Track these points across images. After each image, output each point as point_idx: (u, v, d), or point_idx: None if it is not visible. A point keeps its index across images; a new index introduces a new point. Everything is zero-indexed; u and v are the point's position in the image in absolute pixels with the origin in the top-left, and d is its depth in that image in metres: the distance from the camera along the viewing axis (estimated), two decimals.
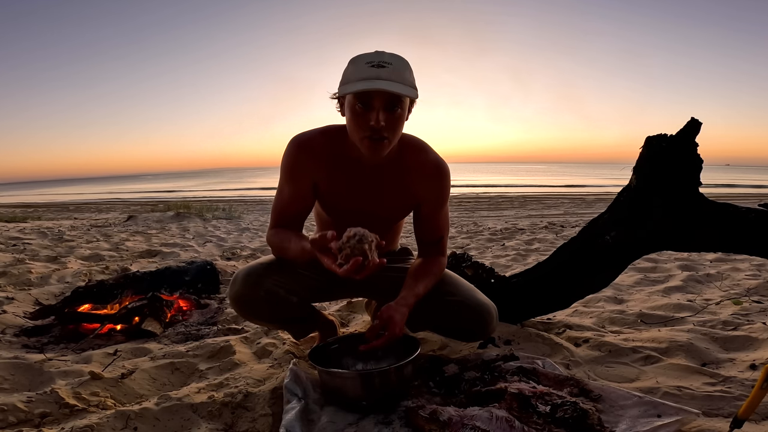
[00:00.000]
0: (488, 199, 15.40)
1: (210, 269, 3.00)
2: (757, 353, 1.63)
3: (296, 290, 1.47)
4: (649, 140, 1.63)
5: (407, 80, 1.27)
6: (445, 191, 1.51)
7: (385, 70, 1.24)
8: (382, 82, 1.22)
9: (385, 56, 1.27)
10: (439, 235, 1.54)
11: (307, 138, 1.43)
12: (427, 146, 1.48)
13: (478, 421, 1.09)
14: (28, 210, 14.89)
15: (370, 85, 1.21)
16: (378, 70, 1.23)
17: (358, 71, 1.25)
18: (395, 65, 1.26)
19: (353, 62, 1.29)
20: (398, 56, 1.29)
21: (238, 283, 1.43)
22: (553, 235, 5.65)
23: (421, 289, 1.42)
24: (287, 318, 1.55)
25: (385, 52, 1.29)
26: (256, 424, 1.27)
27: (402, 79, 1.25)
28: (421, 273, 1.47)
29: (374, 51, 1.29)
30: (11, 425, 1.27)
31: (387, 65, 1.25)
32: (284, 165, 1.44)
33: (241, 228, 7.15)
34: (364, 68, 1.25)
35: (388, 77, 1.23)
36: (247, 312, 1.47)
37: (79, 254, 4.32)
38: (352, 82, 1.26)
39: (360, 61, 1.27)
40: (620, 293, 2.71)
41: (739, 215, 1.55)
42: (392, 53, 1.29)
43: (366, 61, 1.26)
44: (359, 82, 1.23)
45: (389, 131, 1.28)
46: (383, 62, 1.25)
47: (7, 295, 2.63)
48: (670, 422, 1.13)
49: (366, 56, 1.27)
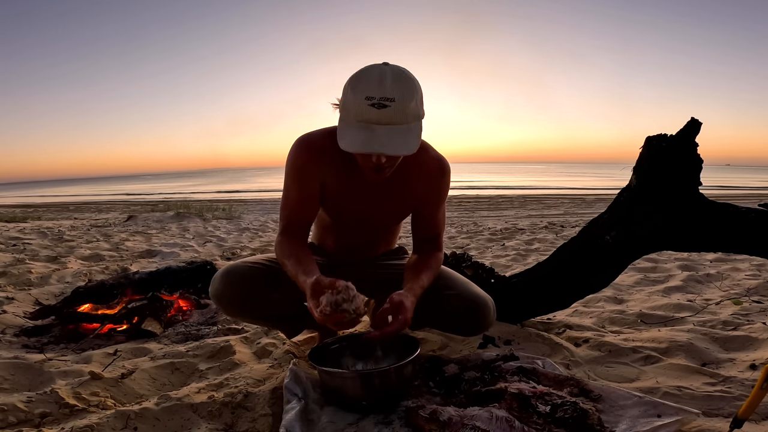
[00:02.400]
0: (488, 199, 15.40)
1: (210, 269, 3.00)
2: (757, 353, 1.63)
3: (277, 287, 1.44)
4: (649, 140, 1.63)
5: (411, 114, 1.20)
6: (446, 189, 1.51)
7: (387, 111, 1.16)
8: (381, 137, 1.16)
9: (387, 88, 1.17)
10: (437, 231, 1.54)
11: (313, 138, 1.41)
12: (428, 145, 1.48)
13: (478, 421, 1.09)
14: (28, 210, 14.89)
15: (366, 148, 1.17)
16: (379, 112, 1.16)
17: (357, 109, 1.18)
18: (398, 100, 1.17)
19: (353, 88, 1.20)
20: (403, 80, 1.20)
21: (217, 281, 1.42)
22: (553, 235, 5.65)
23: (425, 281, 1.40)
24: (272, 315, 1.53)
25: (387, 79, 1.18)
26: (256, 424, 1.27)
27: (404, 117, 1.18)
28: (421, 267, 1.45)
29: (378, 72, 1.19)
30: (11, 425, 1.27)
31: (389, 103, 1.16)
32: (290, 166, 1.41)
33: (241, 228, 7.15)
34: (363, 106, 1.17)
35: (389, 120, 1.17)
36: (228, 309, 1.47)
37: (79, 254, 4.33)
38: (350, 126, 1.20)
39: (360, 91, 1.18)
40: (620, 293, 2.71)
41: (739, 215, 1.55)
42: (398, 76, 1.19)
43: (366, 95, 1.17)
44: (357, 131, 1.18)
45: (391, 163, 1.27)
46: (385, 100, 1.16)
47: (7, 295, 2.63)
48: (670, 422, 1.13)
49: (367, 84, 1.18)
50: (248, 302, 1.44)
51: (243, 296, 1.43)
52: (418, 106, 1.23)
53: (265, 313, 1.51)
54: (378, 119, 1.17)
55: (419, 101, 1.24)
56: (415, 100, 1.21)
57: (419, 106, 1.24)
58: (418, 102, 1.23)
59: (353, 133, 1.19)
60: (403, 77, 1.20)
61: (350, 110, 1.21)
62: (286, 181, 1.43)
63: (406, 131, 1.20)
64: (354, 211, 1.49)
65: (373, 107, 1.16)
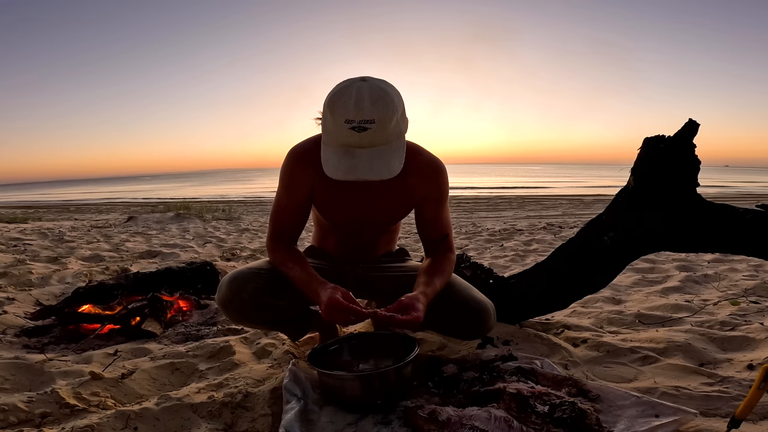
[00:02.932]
0: (487, 200, 15.41)
1: (210, 270, 3.01)
2: (754, 353, 1.63)
3: (284, 293, 1.46)
4: (647, 141, 1.64)
5: (393, 134, 1.20)
6: (444, 188, 1.51)
7: (367, 135, 1.15)
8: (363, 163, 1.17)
9: (366, 109, 1.14)
10: (444, 232, 1.53)
11: (303, 149, 1.43)
12: (421, 148, 1.48)
13: (477, 421, 1.09)
14: (29, 211, 14.89)
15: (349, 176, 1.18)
16: (359, 135, 1.15)
17: (337, 132, 1.18)
18: (379, 121, 1.15)
19: (332, 110, 1.19)
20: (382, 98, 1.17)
21: (224, 288, 1.42)
22: (551, 235, 5.66)
23: (438, 285, 1.40)
24: (278, 320, 1.55)
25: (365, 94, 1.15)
26: (255, 424, 1.28)
27: (386, 137, 1.18)
28: (435, 270, 1.44)
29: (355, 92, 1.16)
30: (12, 425, 1.28)
31: (369, 126, 1.15)
32: (282, 176, 1.46)
33: (241, 229, 7.16)
34: (343, 130, 1.16)
35: (370, 143, 1.16)
36: (235, 316, 1.47)
37: (80, 255, 4.33)
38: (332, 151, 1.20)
39: (338, 114, 1.16)
40: (618, 294, 2.72)
41: (736, 216, 1.56)
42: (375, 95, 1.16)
43: (345, 117, 1.15)
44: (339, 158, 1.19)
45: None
46: (364, 123, 1.14)
47: (7, 296, 2.63)
48: (668, 422, 1.13)
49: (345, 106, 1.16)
50: (257, 309, 1.44)
51: (251, 304, 1.42)
52: (399, 122, 1.22)
53: (271, 319, 1.52)
54: (359, 142, 1.17)
55: (400, 116, 1.22)
56: (396, 118, 1.20)
57: (400, 123, 1.23)
58: (399, 118, 1.22)
59: (336, 158, 1.20)
60: (381, 95, 1.17)
61: (330, 133, 1.21)
62: (279, 188, 1.48)
63: (389, 152, 1.20)
64: (350, 213, 1.50)
65: (354, 131, 1.16)
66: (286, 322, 1.58)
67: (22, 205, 19.58)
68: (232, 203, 15.36)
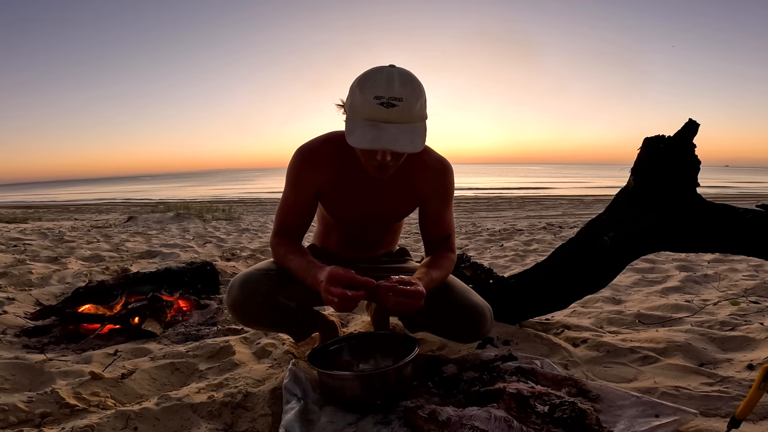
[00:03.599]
0: (487, 200, 15.42)
1: (210, 270, 3.01)
2: (754, 353, 1.63)
3: (294, 295, 1.46)
4: (647, 141, 1.64)
5: (416, 115, 1.23)
6: (450, 188, 1.52)
7: (395, 111, 1.19)
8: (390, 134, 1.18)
9: (395, 89, 1.19)
10: (447, 232, 1.54)
11: (310, 148, 1.44)
12: (429, 147, 1.49)
13: (477, 421, 1.09)
14: (29, 211, 14.89)
15: (374, 144, 1.19)
16: (387, 111, 1.19)
17: (366, 108, 1.20)
18: (406, 100, 1.20)
19: (361, 88, 1.22)
20: (410, 82, 1.22)
21: (235, 291, 1.41)
22: (551, 235, 5.66)
23: (435, 276, 1.41)
24: (287, 322, 1.55)
25: (396, 80, 1.20)
26: (255, 424, 1.28)
27: (411, 117, 1.21)
28: (433, 264, 1.46)
29: (386, 73, 1.21)
30: (12, 425, 1.28)
31: (397, 103, 1.19)
32: (289, 175, 1.46)
33: (241, 229, 7.16)
34: (372, 106, 1.19)
35: (397, 119, 1.19)
36: (246, 319, 1.46)
37: (80, 255, 4.33)
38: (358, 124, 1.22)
39: (368, 91, 1.20)
40: (618, 294, 2.72)
41: (736, 216, 1.56)
42: (404, 78, 1.22)
43: (375, 94, 1.19)
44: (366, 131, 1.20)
45: (395, 161, 1.29)
46: (393, 99, 1.18)
47: (7, 296, 2.63)
48: (668, 422, 1.13)
49: (375, 86, 1.20)
50: (270, 312, 1.44)
51: (265, 306, 1.42)
52: (423, 107, 1.26)
53: (281, 320, 1.51)
54: (386, 118, 1.20)
55: (423, 103, 1.27)
56: (420, 102, 1.25)
57: (424, 108, 1.27)
58: (423, 104, 1.26)
59: (362, 130, 1.21)
60: (410, 79, 1.23)
61: (358, 109, 1.23)
62: (286, 187, 1.48)
63: (412, 130, 1.22)
64: (356, 210, 1.51)
65: (382, 106, 1.19)
66: (293, 323, 1.59)
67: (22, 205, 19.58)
68: (232, 203, 15.36)
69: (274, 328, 1.61)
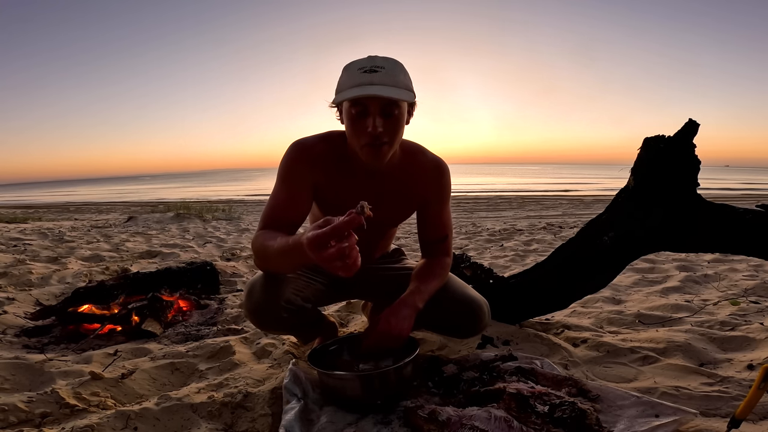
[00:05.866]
0: (487, 200, 15.41)
1: (210, 270, 3.01)
2: (754, 353, 1.63)
3: (309, 296, 1.47)
4: (647, 141, 1.64)
5: (401, 83, 1.26)
6: (447, 189, 1.51)
7: (378, 75, 1.23)
8: (375, 87, 1.21)
9: (377, 60, 1.27)
10: (443, 234, 1.53)
11: (308, 144, 1.40)
12: (425, 149, 1.49)
13: (477, 421, 1.09)
14: (29, 211, 14.89)
15: (362, 92, 1.21)
16: (371, 75, 1.23)
17: (351, 78, 1.25)
18: (388, 68, 1.25)
19: (346, 69, 1.29)
20: (391, 59, 1.29)
21: (257, 294, 1.37)
22: (551, 235, 5.66)
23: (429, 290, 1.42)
24: (301, 324, 1.53)
25: (378, 56, 1.28)
26: (255, 424, 1.28)
27: (395, 82, 1.25)
28: (428, 274, 1.46)
29: (366, 56, 1.29)
30: (12, 425, 1.28)
31: (379, 69, 1.24)
32: (282, 169, 1.40)
33: (241, 229, 7.16)
34: (356, 75, 1.25)
35: (381, 81, 1.23)
36: (266, 323, 1.42)
37: (80, 255, 4.33)
38: (345, 90, 1.26)
39: (352, 68, 1.27)
40: (618, 294, 2.72)
41: (736, 216, 1.56)
42: (385, 57, 1.29)
43: (358, 67, 1.26)
44: (352, 89, 1.23)
45: (388, 135, 1.26)
46: (375, 67, 1.25)
47: (7, 296, 2.63)
48: (668, 422, 1.13)
49: (358, 62, 1.27)
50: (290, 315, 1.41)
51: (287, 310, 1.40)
52: (408, 81, 1.30)
53: (298, 323, 1.50)
54: (371, 80, 1.23)
55: (408, 79, 1.31)
56: (404, 75, 1.29)
57: (409, 82, 1.31)
58: (407, 78, 1.31)
59: (349, 91, 1.25)
60: (392, 58, 1.29)
61: (344, 84, 1.28)
62: (277, 182, 1.42)
63: (397, 91, 1.24)
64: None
65: (365, 73, 1.24)
66: (306, 325, 1.58)
67: (22, 205, 19.58)
68: (232, 203, 15.36)
69: (288, 332, 1.57)
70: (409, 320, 1.33)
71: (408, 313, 1.34)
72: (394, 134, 1.28)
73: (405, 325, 1.32)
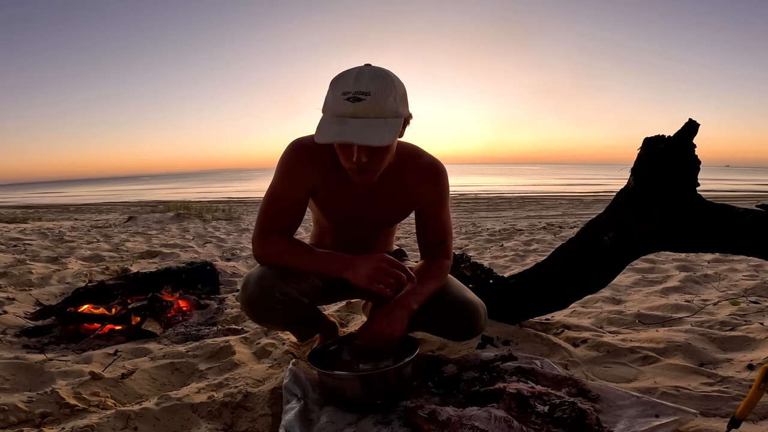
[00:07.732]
0: (487, 200, 15.41)
1: (210, 270, 3.01)
2: (754, 353, 1.63)
3: (307, 292, 1.46)
4: (647, 141, 1.64)
5: (389, 110, 1.17)
6: (444, 191, 1.49)
7: (362, 105, 1.15)
8: (353, 129, 1.14)
9: (363, 82, 1.16)
10: (442, 237, 1.51)
11: (306, 144, 1.39)
12: (422, 150, 1.47)
13: (477, 421, 1.09)
14: (29, 211, 14.89)
15: (339, 137, 1.15)
16: (354, 105, 1.15)
17: (334, 104, 1.18)
18: (374, 93, 1.15)
19: (333, 86, 1.20)
20: (381, 77, 1.18)
21: (252, 286, 1.38)
22: (551, 235, 5.66)
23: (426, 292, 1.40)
24: (298, 319, 1.53)
25: (366, 73, 1.18)
26: (255, 424, 1.28)
27: (381, 111, 1.16)
28: (425, 275, 1.44)
29: (357, 70, 1.19)
30: (12, 425, 1.28)
31: (364, 97, 1.15)
32: (282, 167, 1.39)
33: (241, 229, 7.15)
34: (339, 102, 1.16)
35: (363, 113, 1.15)
36: (260, 315, 1.42)
37: (80, 255, 4.33)
38: (325, 121, 1.19)
39: (338, 89, 1.18)
40: (618, 294, 2.72)
41: (736, 216, 1.56)
42: (375, 73, 1.18)
43: (343, 90, 1.16)
44: (331, 125, 1.17)
45: (374, 164, 1.23)
46: (360, 93, 1.15)
47: (7, 296, 2.63)
48: (668, 422, 1.13)
49: (344, 81, 1.18)
50: (285, 308, 1.41)
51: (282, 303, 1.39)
52: (397, 103, 1.21)
53: (294, 318, 1.50)
54: (353, 113, 1.16)
55: (399, 99, 1.21)
56: (393, 97, 1.19)
57: (398, 104, 1.21)
58: (397, 99, 1.21)
59: (327, 126, 1.18)
60: (381, 75, 1.19)
61: (328, 107, 1.21)
62: (276, 182, 1.41)
63: (382, 125, 1.17)
64: (349, 214, 1.48)
65: (348, 101, 1.15)
66: (304, 321, 1.58)
67: (22, 205, 19.58)
68: (232, 203, 15.36)
69: (284, 326, 1.59)
70: (402, 321, 1.32)
71: (401, 314, 1.33)
72: (380, 162, 1.25)
73: (397, 325, 1.31)
